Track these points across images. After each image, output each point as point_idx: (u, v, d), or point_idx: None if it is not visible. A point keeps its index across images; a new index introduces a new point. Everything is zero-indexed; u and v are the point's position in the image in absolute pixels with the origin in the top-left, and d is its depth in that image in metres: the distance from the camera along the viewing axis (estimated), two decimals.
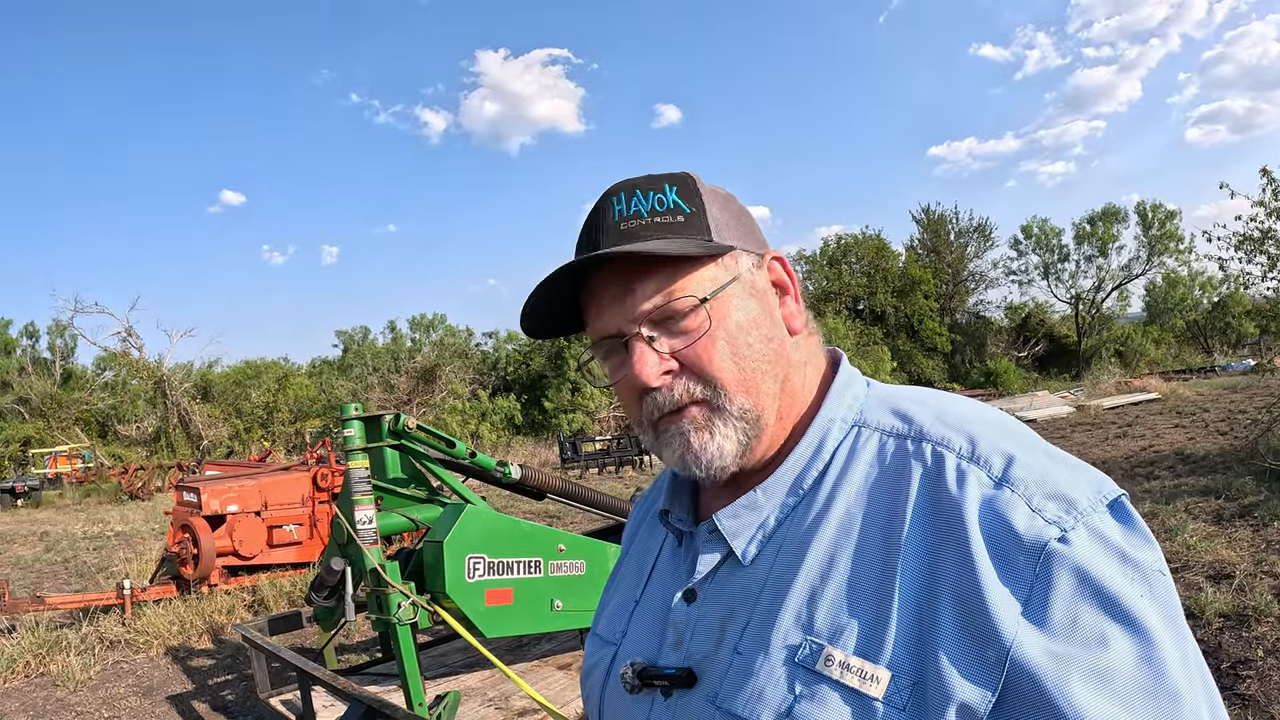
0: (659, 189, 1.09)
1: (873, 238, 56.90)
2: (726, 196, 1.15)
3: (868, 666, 0.91)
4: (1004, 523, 0.90)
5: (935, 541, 0.93)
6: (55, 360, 53.85)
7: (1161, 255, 56.49)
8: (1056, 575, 0.87)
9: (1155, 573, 0.90)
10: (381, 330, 61.44)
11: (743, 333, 1.06)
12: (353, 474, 4.77)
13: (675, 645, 1.12)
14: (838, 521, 1.01)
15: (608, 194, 1.12)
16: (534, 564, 4.97)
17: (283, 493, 12.23)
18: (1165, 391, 27.41)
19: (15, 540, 19.96)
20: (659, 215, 1.07)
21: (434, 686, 5.59)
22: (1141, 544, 0.92)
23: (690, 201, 1.09)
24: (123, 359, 47.99)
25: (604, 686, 1.23)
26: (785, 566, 1.03)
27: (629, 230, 1.07)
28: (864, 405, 1.12)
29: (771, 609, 1.01)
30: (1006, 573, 0.88)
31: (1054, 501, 0.91)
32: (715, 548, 1.11)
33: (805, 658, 0.96)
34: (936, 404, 1.08)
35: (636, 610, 1.24)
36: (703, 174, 1.14)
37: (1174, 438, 16.67)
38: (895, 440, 1.04)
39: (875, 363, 40.74)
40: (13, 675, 8.29)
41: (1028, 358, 58.10)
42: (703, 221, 1.08)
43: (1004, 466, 0.95)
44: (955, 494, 0.94)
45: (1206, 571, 7.49)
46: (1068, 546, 0.88)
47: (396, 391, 48.47)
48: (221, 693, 7.59)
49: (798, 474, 1.08)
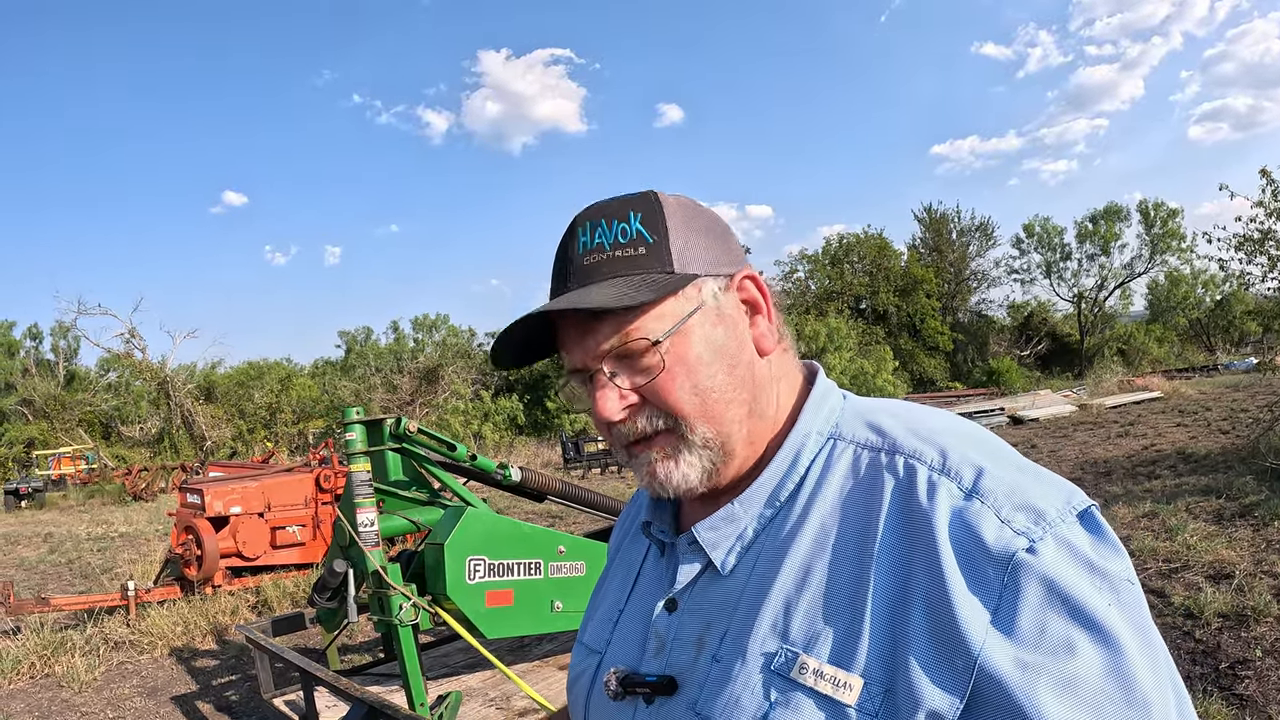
0: (624, 217, 1.10)
1: (875, 237, 56.81)
2: (694, 213, 1.14)
3: (840, 674, 0.93)
4: (973, 533, 0.92)
5: (907, 552, 0.95)
6: (59, 362, 53.97)
7: (1164, 254, 56.32)
8: (1025, 585, 0.88)
9: (1124, 582, 0.92)
10: (384, 330, 61.71)
11: (703, 364, 1.07)
12: (354, 477, 4.80)
13: (657, 653, 1.14)
14: (813, 532, 1.03)
15: (574, 223, 1.13)
16: (534, 565, 5.00)
17: (286, 494, 12.26)
18: (1168, 390, 27.44)
19: (19, 541, 20.00)
20: (621, 248, 1.08)
21: (435, 687, 5.62)
22: (1110, 554, 0.93)
23: (654, 230, 1.09)
24: (126, 360, 48.00)
25: (589, 694, 1.24)
26: (762, 576, 1.05)
27: (591, 265, 1.08)
28: (839, 418, 1.14)
29: (749, 618, 1.03)
30: (975, 582, 0.90)
31: (1023, 512, 0.92)
32: (695, 558, 1.14)
33: (780, 665, 0.98)
34: (910, 416, 1.10)
35: (621, 619, 1.26)
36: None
37: (1176, 437, 16.68)
38: (869, 453, 1.06)
39: (877, 362, 40.53)
40: (18, 676, 8.32)
41: (1030, 357, 57.98)
42: (664, 251, 1.08)
43: (974, 478, 0.96)
44: (926, 505, 0.96)
45: (1206, 571, 7.51)
46: (1035, 557, 0.89)
47: (399, 392, 48.45)
48: (225, 693, 7.62)
49: (774, 486, 1.10)
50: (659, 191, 1.14)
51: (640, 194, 1.13)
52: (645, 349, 1.06)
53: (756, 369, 1.13)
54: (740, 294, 1.14)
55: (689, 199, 1.17)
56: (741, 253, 1.18)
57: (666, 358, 1.06)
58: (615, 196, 1.14)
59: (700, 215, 1.15)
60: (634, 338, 1.06)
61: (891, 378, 40.11)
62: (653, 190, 1.14)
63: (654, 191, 1.13)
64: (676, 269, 1.08)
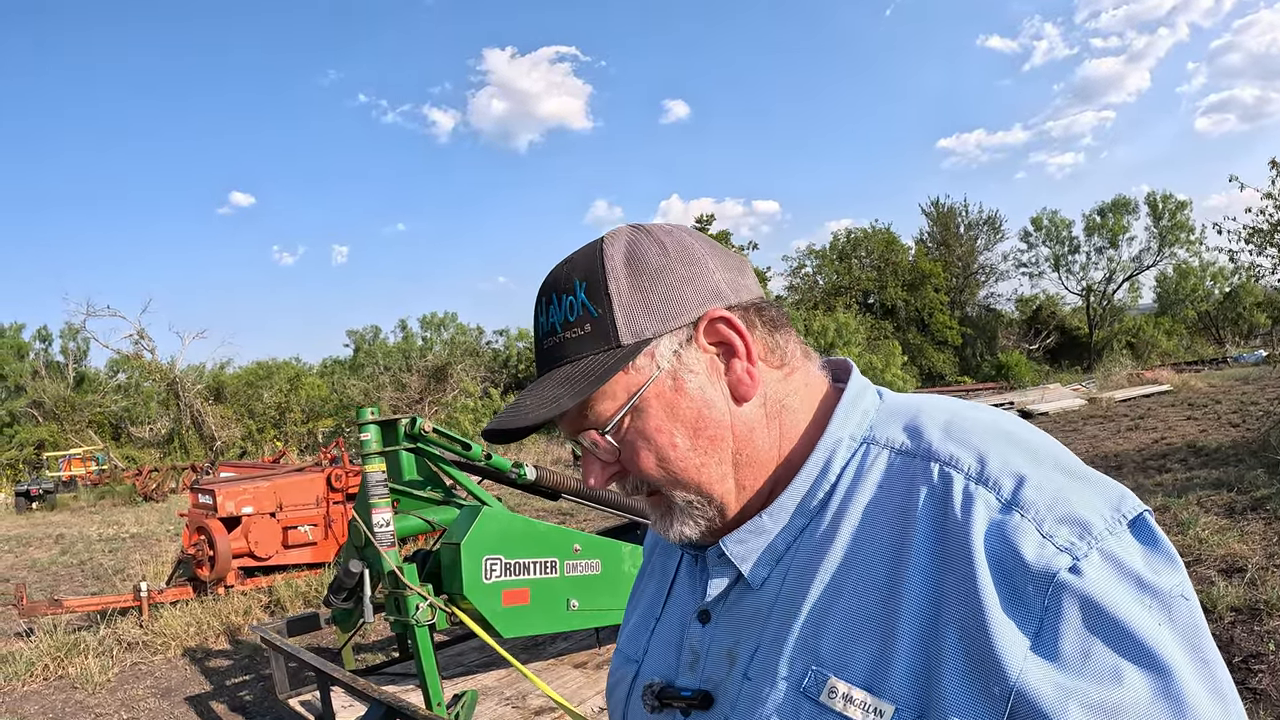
0: (570, 289, 1.07)
1: (882, 231, 56.67)
2: (645, 259, 1.06)
3: (870, 699, 0.91)
4: (1012, 550, 0.87)
5: (941, 569, 0.91)
6: (68, 364, 54.00)
7: (1172, 246, 56.19)
8: (1067, 608, 0.84)
9: (1176, 598, 0.87)
10: (392, 329, 61.56)
11: (664, 435, 1.05)
12: (369, 477, 4.81)
13: (691, 666, 1.13)
14: (844, 545, 1.00)
15: (538, 296, 1.12)
16: (550, 564, 5.01)
17: (297, 494, 12.29)
18: (1177, 383, 27.33)
19: (31, 543, 20.06)
20: (570, 328, 1.06)
21: (451, 686, 5.64)
22: (1163, 566, 0.88)
23: (597, 300, 1.04)
24: (135, 361, 48.22)
25: (626, 704, 1.24)
26: (792, 590, 1.02)
27: (549, 349, 1.08)
28: (874, 420, 1.08)
29: (779, 634, 1.01)
30: (1014, 604, 0.86)
31: (1066, 526, 0.88)
32: (724, 571, 1.11)
33: (809, 687, 0.95)
34: (948, 416, 1.04)
35: (657, 627, 1.25)
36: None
37: (1186, 430, 16.62)
38: (903, 458, 1.01)
39: (886, 357, 40.49)
40: (31, 678, 8.36)
41: (1039, 350, 57.84)
42: (609, 323, 1.04)
43: (1014, 488, 0.91)
44: (961, 519, 0.91)
45: (1218, 565, 7.50)
46: (1079, 577, 0.84)
47: (408, 390, 48.53)
48: (239, 693, 7.65)
49: (804, 495, 1.06)
50: (610, 236, 1.10)
51: (587, 250, 1.09)
52: (600, 436, 1.06)
53: (737, 419, 1.07)
54: (709, 338, 1.07)
55: (647, 233, 1.09)
56: (716, 281, 1.09)
57: (628, 435, 1.06)
58: (570, 256, 1.11)
59: (655, 255, 1.07)
60: (588, 424, 1.07)
61: (900, 372, 40.11)
62: (602, 240, 1.09)
63: (602, 242, 1.09)
64: (625, 339, 1.03)
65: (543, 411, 1.03)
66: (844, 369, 1.18)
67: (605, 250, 1.07)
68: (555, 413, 1.02)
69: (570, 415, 1.08)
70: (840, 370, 1.19)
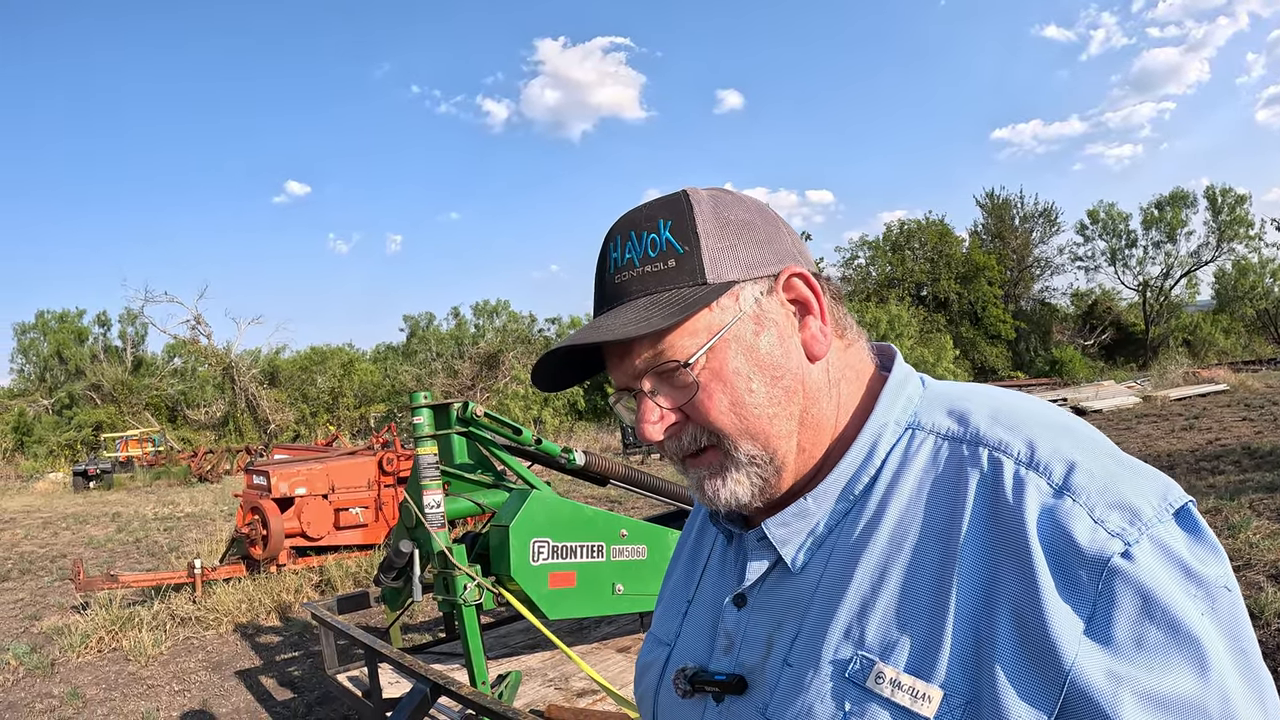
0: (652, 227, 1.05)
1: (936, 223, 56.10)
2: (731, 210, 1.07)
3: (919, 685, 0.90)
4: (1065, 535, 0.87)
5: (993, 554, 0.90)
6: (126, 348, 54.97)
7: (1231, 241, 55.07)
8: (1120, 593, 0.84)
9: (1220, 589, 0.87)
10: (445, 316, 61.97)
11: (741, 379, 1.03)
12: (422, 460, 4.88)
13: (726, 650, 1.12)
14: (890, 530, 0.99)
15: (608, 237, 1.10)
16: (597, 549, 5.04)
17: (349, 476, 12.46)
18: (1234, 383, 26.84)
19: (88, 521, 20.48)
20: (651, 262, 1.04)
21: (496, 666, 5.70)
22: (1208, 556, 0.89)
23: (684, 238, 1.04)
24: (192, 346, 49.08)
25: (658, 688, 1.23)
26: (836, 576, 1.01)
27: (622, 284, 1.05)
28: (919, 407, 1.08)
29: (821, 620, 1.00)
30: (1068, 588, 0.86)
31: (1118, 511, 0.88)
32: (764, 555, 1.10)
33: (855, 673, 0.95)
34: (995, 403, 1.04)
35: (690, 611, 1.24)
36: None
37: (1241, 431, 16.36)
38: (950, 444, 1.01)
39: (938, 351, 40.12)
40: (86, 650, 8.58)
41: (1094, 346, 57.04)
42: (696, 261, 1.03)
43: (1065, 473, 0.91)
44: (1013, 503, 0.91)
45: (1269, 571, 7.38)
46: (1131, 562, 0.85)
47: (460, 377, 48.88)
48: (289, 669, 7.78)
49: (849, 479, 1.05)
50: (692, 190, 1.08)
51: (671, 197, 1.08)
52: (675, 369, 1.03)
53: (808, 375, 1.07)
54: (787, 294, 1.07)
55: (729, 192, 1.10)
56: (791, 246, 1.11)
57: (701, 375, 1.02)
58: (647, 202, 1.09)
59: (739, 211, 1.08)
60: (665, 359, 1.03)
61: (952, 366, 39.75)
62: (685, 190, 1.08)
63: (686, 192, 1.08)
64: (710, 278, 1.02)
65: (629, 329, 0.99)
66: (889, 355, 1.18)
67: (691, 196, 1.07)
68: (644, 330, 0.98)
69: (643, 348, 1.04)
70: (885, 356, 1.19)
